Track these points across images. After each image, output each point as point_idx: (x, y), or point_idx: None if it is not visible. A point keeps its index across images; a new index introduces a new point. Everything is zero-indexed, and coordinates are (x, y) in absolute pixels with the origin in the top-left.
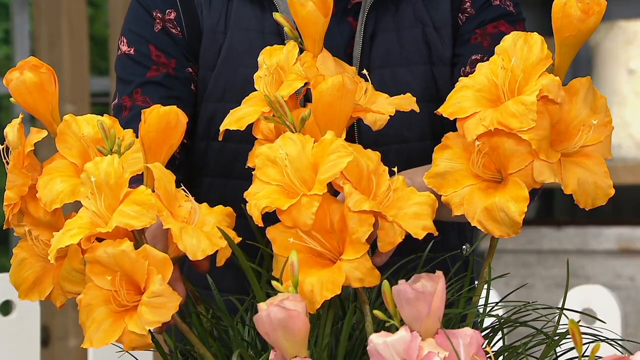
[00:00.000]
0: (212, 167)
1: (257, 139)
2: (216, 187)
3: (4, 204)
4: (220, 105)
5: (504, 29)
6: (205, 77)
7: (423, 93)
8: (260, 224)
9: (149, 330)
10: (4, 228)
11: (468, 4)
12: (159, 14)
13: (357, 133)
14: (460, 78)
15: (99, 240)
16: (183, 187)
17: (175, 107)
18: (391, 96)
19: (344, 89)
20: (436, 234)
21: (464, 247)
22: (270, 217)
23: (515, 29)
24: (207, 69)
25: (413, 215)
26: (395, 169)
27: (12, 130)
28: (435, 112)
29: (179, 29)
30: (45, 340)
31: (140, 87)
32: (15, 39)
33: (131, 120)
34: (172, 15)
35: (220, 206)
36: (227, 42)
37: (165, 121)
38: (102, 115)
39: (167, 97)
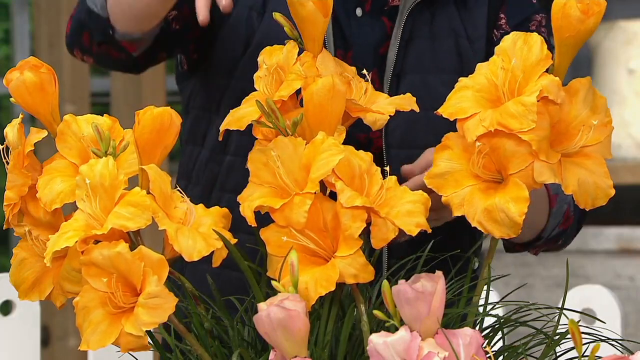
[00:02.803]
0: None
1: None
2: (238, 167)
3: (4, 204)
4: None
5: None
6: (230, 60)
7: None
8: (254, 224)
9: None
10: (4, 228)
11: (503, 20)
12: None
13: (385, 138)
14: (460, 78)
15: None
16: (179, 189)
17: (169, 107)
18: (422, 102)
19: (334, 89)
20: (429, 231)
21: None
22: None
23: None
24: (233, 53)
25: (406, 213)
26: (388, 169)
27: (12, 130)
28: (435, 112)
29: None
30: (45, 340)
31: None
32: (15, 39)
33: None
34: None
35: (217, 207)
36: (263, 26)
37: (159, 122)
38: (102, 115)
39: None
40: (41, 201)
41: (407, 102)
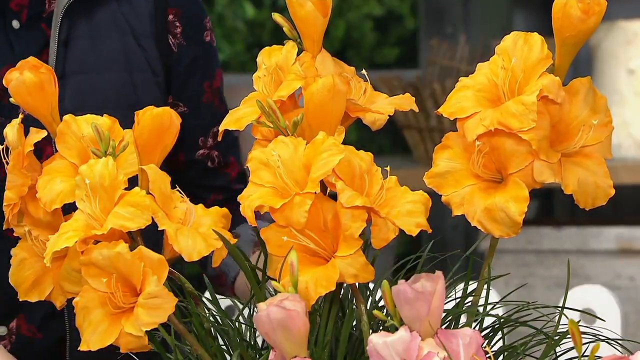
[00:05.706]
0: None
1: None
2: None
3: (4, 204)
4: None
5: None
6: None
7: (120, 101)
8: (254, 224)
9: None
10: (4, 228)
11: (179, 29)
12: None
13: None
14: (460, 78)
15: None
16: (178, 189)
17: (168, 107)
18: (90, 103)
19: (334, 89)
20: (430, 231)
21: None
22: None
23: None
24: None
25: (407, 213)
26: (388, 169)
27: (12, 130)
28: (439, 112)
29: None
30: None
31: None
32: None
33: None
34: None
35: (217, 207)
36: None
37: (159, 122)
38: (102, 115)
39: None
40: (41, 201)
41: (406, 102)
